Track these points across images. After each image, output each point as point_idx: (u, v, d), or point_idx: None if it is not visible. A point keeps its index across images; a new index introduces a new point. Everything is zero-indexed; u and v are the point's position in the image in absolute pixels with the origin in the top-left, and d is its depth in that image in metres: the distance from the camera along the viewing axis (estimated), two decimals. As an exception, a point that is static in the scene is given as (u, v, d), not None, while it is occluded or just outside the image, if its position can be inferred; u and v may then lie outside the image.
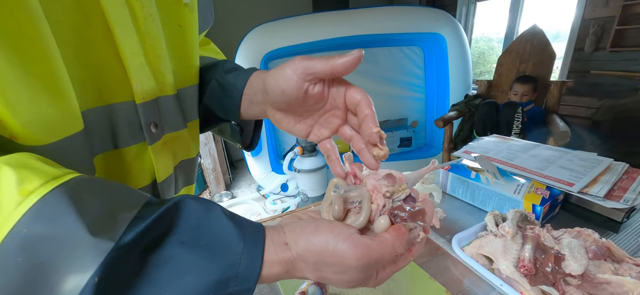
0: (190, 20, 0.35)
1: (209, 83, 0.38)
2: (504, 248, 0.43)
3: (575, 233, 0.44)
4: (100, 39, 0.26)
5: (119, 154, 0.30)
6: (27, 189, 0.17)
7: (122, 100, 0.29)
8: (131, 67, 0.28)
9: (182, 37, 0.34)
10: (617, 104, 1.80)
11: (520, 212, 0.49)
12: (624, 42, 1.77)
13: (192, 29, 0.36)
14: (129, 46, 0.27)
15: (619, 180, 0.56)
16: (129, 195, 0.21)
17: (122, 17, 0.26)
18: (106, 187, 0.21)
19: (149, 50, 0.29)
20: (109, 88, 0.28)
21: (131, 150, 0.31)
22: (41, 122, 0.22)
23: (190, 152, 0.40)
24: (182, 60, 0.35)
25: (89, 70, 0.26)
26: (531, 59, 1.86)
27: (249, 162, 2.40)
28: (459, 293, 0.43)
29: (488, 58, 3.36)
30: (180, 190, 0.41)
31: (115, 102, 0.29)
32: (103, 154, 0.29)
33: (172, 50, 0.33)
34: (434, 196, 0.67)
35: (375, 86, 2.52)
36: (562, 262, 0.39)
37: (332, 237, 0.22)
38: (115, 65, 0.27)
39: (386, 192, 0.27)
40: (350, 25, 2.11)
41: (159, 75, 0.31)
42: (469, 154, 0.71)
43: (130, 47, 0.27)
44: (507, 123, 1.69)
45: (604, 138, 1.76)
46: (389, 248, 0.23)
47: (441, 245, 0.52)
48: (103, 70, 0.27)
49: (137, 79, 0.28)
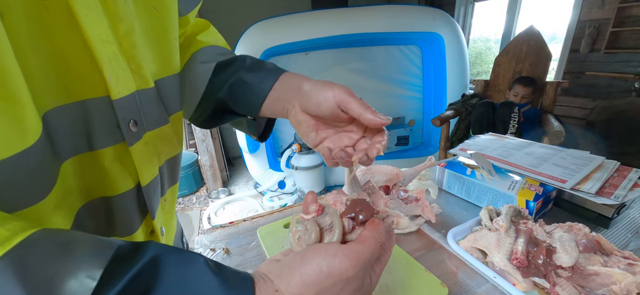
0: (169, 3, 0.31)
1: (230, 79, 0.36)
2: (498, 242, 0.44)
3: (567, 227, 0.45)
4: (60, 24, 0.22)
5: (94, 156, 0.27)
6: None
7: (94, 96, 0.25)
8: (102, 57, 0.24)
9: (158, 21, 0.30)
10: (611, 104, 1.83)
11: (514, 208, 0.50)
12: (618, 44, 1.80)
13: (169, 11, 0.32)
14: (97, 32, 0.23)
15: (610, 177, 0.57)
16: (93, 248, 0.18)
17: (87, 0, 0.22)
18: (65, 244, 0.17)
19: (123, 37, 0.26)
20: (76, 82, 0.24)
21: (108, 152, 0.27)
22: None
23: (174, 148, 0.37)
24: (159, 48, 0.31)
25: (49, 62, 0.22)
26: (528, 60, 1.88)
27: (247, 159, 2.40)
28: (453, 285, 0.44)
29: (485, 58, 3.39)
30: (166, 191, 0.38)
31: (86, 99, 0.25)
32: (74, 158, 0.25)
33: (147, 37, 0.29)
34: (430, 192, 0.68)
35: (373, 85, 2.53)
36: (554, 255, 0.40)
37: (322, 258, 0.22)
38: (81, 54, 0.23)
39: (346, 201, 0.29)
40: (348, 23, 2.12)
41: (134, 65, 0.27)
42: (465, 151, 0.72)
43: (99, 34, 0.23)
44: (503, 123, 1.71)
45: (598, 138, 1.79)
46: (373, 242, 0.24)
47: (437, 240, 0.53)
48: (67, 61, 0.23)
49: (110, 70, 0.24)
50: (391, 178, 0.61)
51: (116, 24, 0.25)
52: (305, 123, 0.34)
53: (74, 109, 0.24)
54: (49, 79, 0.22)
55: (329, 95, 0.30)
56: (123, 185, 0.29)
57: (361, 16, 2.13)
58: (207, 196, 2.47)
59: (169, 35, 0.32)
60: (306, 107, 0.33)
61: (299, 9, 2.30)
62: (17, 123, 0.19)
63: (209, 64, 0.38)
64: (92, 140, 0.26)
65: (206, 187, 2.55)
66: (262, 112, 0.36)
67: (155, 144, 0.32)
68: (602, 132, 1.80)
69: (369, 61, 2.48)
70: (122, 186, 0.29)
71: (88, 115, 0.25)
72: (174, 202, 0.42)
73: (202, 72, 0.38)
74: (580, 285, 0.38)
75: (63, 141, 0.24)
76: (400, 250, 0.50)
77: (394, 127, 2.53)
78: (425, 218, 0.57)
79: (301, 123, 0.34)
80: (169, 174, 0.37)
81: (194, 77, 0.39)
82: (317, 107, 0.31)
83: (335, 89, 0.30)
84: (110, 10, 0.24)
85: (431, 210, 0.56)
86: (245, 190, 2.54)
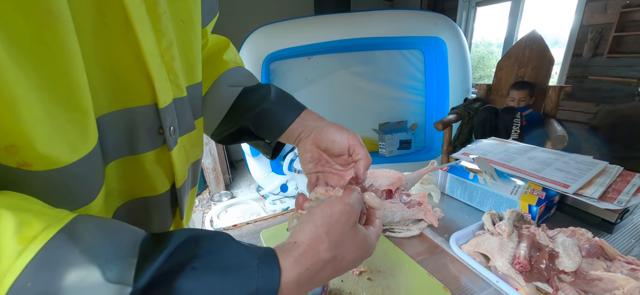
0: (193, 14, 0.33)
1: (256, 108, 0.40)
2: (501, 246, 0.45)
3: (570, 232, 0.45)
4: (116, 37, 0.24)
5: (135, 159, 0.29)
6: (28, 235, 0.15)
7: (140, 104, 0.27)
8: (153, 68, 0.26)
9: (186, 33, 0.32)
10: (615, 109, 1.83)
11: (517, 212, 0.50)
12: (621, 49, 1.79)
13: (194, 24, 0.34)
14: (149, 46, 0.25)
15: (613, 182, 0.57)
16: (125, 232, 0.20)
17: (141, 15, 0.24)
18: (103, 226, 0.19)
19: (165, 50, 0.27)
20: (125, 90, 0.26)
21: (149, 156, 0.29)
22: (61, 142, 0.20)
23: (199, 152, 0.39)
24: (187, 58, 0.33)
25: (103, 72, 0.24)
26: (530, 64, 1.88)
27: (249, 163, 2.41)
28: (456, 289, 0.44)
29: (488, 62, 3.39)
30: (189, 192, 0.40)
31: (132, 107, 0.26)
32: (117, 161, 0.27)
33: (179, 48, 0.31)
34: (432, 196, 0.68)
35: (376, 88, 2.54)
36: (556, 260, 0.40)
37: (324, 206, 0.26)
38: (132, 66, 0.25)
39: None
40: (351, 28, 2.13)
41: (173, 76, 0.29)
42: (468, 155, 0.72)
43: (151, 47, 0.25)
44: (505, 128, 1.71)
45: (601, 143, 1.78)
46: (349, 193, 0.29)
47: (439, 244, 0.53)
48: (118, 72, 0.25)
49: (158, 81, 0.26)
50: (393, 182, 0.61)
51: (160, 38, 0.27)
52: (311, 153, 0.40)
53: (121, 115, 0.26)
54: (103, 87, 0.24)
55: (343, 137, 0.38)
56: (160, 187, 0.32)
57: (364, 21, 2.15)
58: (209, 199, 2.48)
59: (194, 47, 0.35)
60: (320, 142, 0.38)
61: (302, 14, 2.32)
62: (83, 130, 0.22)
63: (236, 88, 0.42)
64: (134, 145, 0.28)
65: (209, 190, 2.55)
66: (280, 139, 0.41)
67: (186, 148, 0.34)
68: (606, 136, 1.79)
69: (371, 65, 2.49)
70: (159, 188, 0.32)
71: (133, 121, 0.27)
72: (192, 204, 0.44)
73: (229, 95, 0.42)
74: (583, 290, 0.38)
75: (109, 145, 0.26)
76: (403, 254, 0.50)
77: (396, 130, 2.54)
78: (427, 222, 0.57)
79: (308, 152, 0.40)
80: (192, 176, 0.39)
81: (220, 97, 0.42)
82: (331, 143, 0.38)
83: (349, 133, 0.38)
84: (156, 25, 0.26)
85: (434, 215, 0.57)
86: (247, 193, 2.54)
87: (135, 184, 0.30)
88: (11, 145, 0.18)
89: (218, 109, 0.42)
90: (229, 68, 0.43)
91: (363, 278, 0.46)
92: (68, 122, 0.20)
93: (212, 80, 0.42)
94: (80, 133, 0.21)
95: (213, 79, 0.42)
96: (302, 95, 2.45)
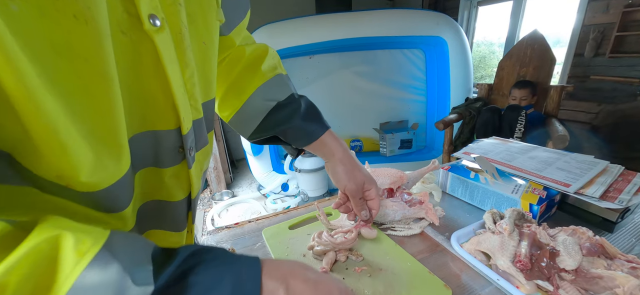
0: (213, 34, 0.35)
1: (286, 124, 0.46)
2: (501, 244, 0.45)
3: (570, 231, 0.45)
4: (148, 70, 0.27)
5: (157, 172, 0.32)
6: (82, 249, 0.19)
7: (165, 128, 0.30)
8: (178, 99, 0.28)
9: (206, 54, 0.34)
10: (616, 109, 1.82)
11: (518, 211, 0.50)
12: (623, 48, 1.79)
13: (214, 43, 0.36)
14: (175, 79, 0.28)
15: (614, 182, 0.58)
16: (142, 245, 0.23)
17: (170, 54, 0.27)
18: (128, 240, 0.23)
19: (187, 80, 0.30)
20: (152, 115, 0.29)
21: (169, 171, 0.33)
22: (101, 171, 0.24)
23: (209, 161, 0.42)
24: (205, 77, 0.35)
25: (136, 101, 0.27)
26: (531, 64, 1.88)
27: (250, 162, 2.42)
28: (457, 287, 0.44)
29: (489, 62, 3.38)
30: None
31: (158, 130, 0.30)
32: (141, 171, 0.31)
33: (198, 70, 0.33)
34: (433, 195, 0.69)
35: (377, 88, 2.54)
36: (557, 258, 0.41)
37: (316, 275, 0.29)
38: (159, 94, 0.28)
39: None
40: (352, 27, 2.13)
41: (193, 102, 0.32)
42: (469, 155, 0.72)
43: (177, 81, 0.28)
44: (510, 126, 1.71)
45: (602, 143, 1.78)
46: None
47: (440, 242, 0.53)
48: (149, 101, 0.28)
49: (182, 111, 0.29)
50: (395, 181, 0.61)
51: (184, 69, 0.29)
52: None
53: (149, 135, 0.29)
54: (135, 112, 0.27)
55: (341, 184, 0.48)
56: (177, 196, 0.35)
57: (365, 20, 2.15)
58: (210, 198, 2.48)
59: (212, 65, 0.36)
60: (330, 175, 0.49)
61: (303, 13, 2.32)
62: (119, 160, 0.25)
63: (270, 102, 0.47)
64: (158, 160, 0.31)
65: (210, 189, 2.56)
66: (306, 149, 0.48)
67: (201, 162, 0.37)
68: (607, 136, 1.79)
69: (372, 65, 2.49)
70: (175, 196, 0.35)
71: (158, 141, 0.30)
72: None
73: (263, 108, 0.47)
74: (584, 288, 0.38)
75: (137, 159, 0.29)
76: (404, 252, 0.51)
77: (397, 130, 2.54)
78: (428, 221, 0.57)
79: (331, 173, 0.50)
80: (202, 181, 0.42)
81: (255, 109, 0.46)
82: (336, 182, 0.48)
83: (349, 180, 0.47)
84: (182, 59, 0.29)
85: (435, 213, 0.57)
86: (248, 193, 2.55)
87: (156, 190, 0.33)
88: (60, 176, 0.22)
89: (253, 118, 0.47)
90: (266, 81, 0.46)
91: (364, 276, 0.46)
92: (108, 156, 0.24)
93: (249, 93, 0.46)
94: (117, 162, 0.25)
95: (250, 92, 0.46)
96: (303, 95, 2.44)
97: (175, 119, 0.30)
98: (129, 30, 0.24)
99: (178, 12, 0.27)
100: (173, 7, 0.27)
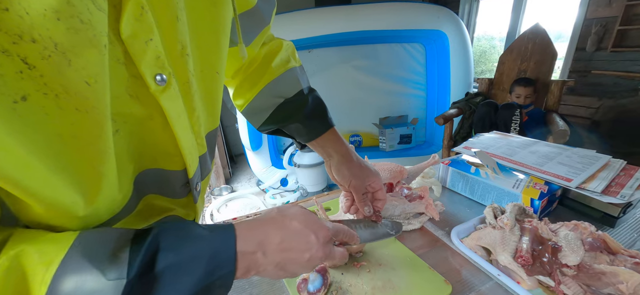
0: (225, 61, 0.36)
1: (290, 122, 0.48)
2: (502, 239, 0.44)
3: (572, 226, 0.44)
4: (159, 128, 0.28)
5: (163, 199, 0.34)
6: (47, 260, 0.20)
7: (172, 169, 0.32)
8: (185, 149, 0.30)
9: (216, 83, 0.35)
10: (617, 104, 1.81)
11: (519, 206, 0.50)
12: (625, 43, 1.77)
13: (224, 68, 0.36)
14: (183, 133, 0.29)
15: (616, 176, 0.57)
16: (118, 234, 0.24)
17: (178, 107, 0.28)
18: (100, 234, 0.24)
19: (194, 123, 0.31)
20: (161, 157, 0.30)
21: (175, 201, 0.35)
22: (95, 217, 0.26)
23: (209, 180, 0.44)
24: (211, 107, 0.35)
25: (148, 148, 0.29)
26: (533, 58, 1.86)
27: (249, 157, 2.41)
28: (457, 283, 0.43)
29: (490, 57, 3.36)
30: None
31: (166, 169, 0.31)
32: (147, 196, 0.32)
33: (204, 102, 0.34)
34: (433, 190, 0.68)
35: (376, 82, 2.52)
36: (559, 253, 0.40)
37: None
38: (169, 146, 0.30)
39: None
40: (352, 20, 2.10)
41: (199, 139, 0.33)
42: (469, 149, 0.72)
43: (184, 132, 0.29)
44: (505, 124, 1.70)
45: (603, 138, 1.77)
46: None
47: (440, 237, 0.53)
48: (159, 148, 0.30)
49: (189, 158, 0.31)
50: (395, 175, 0.61)
51: (191, 114, 0.30)
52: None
53: (157, 172, 0.31)
54: (146, 154, 0.29)
55: (345, 181, 0.47)
56: (183, 217, 0.37)
57: (365, 13, 2.12)
58: (209, 193, 2.48)
59: (219, 95, 0.37)
60: (333, 173, 0.49)
61: (303, 6, 2.29)
62: (119, 200, 0.28)
63: (278, 99, 0.48)
64: (164, 192, 0.33)
65: (209, 184, 2.55)
66: (309, 144, 0.50)
67: (204, 188, 0.39)
68: (608, 131, 1.78)
69: (372, 59, 2.47)
70: (183, 217, 0.37)
71: (166, 179, 0.32)
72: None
73: (270, 104, 0.48)
74: (586, 284, 0.38)
75: (144, 189, 0.31)
76: (404, 248, 0.50)
77: (396, 125, 2.52)
78: (428, 216, 0.57)
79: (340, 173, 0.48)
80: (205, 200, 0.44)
81: (263, 104, 0.48)
82: (340, 180, 0.48)
83: (353, 176, 0.47)
84: (188, 105, 0.30)
85: (435, 208, 0.56)
86: (247, 188, 2.54)
87: (161, 211, 0.35)
88: (51, 227, 0.24)
89: (261, 112, 0.49)
90: (275, 77, 0.47)
91: (363, 271, 0.45)
92: (110, 201, 0.27)
93: (259, 88, 0.47)
94: (121, 199, 0.28)
95: (260, 87, 0.47)
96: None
97: (182, 163, 0.31)
98: (137, 93, 0.25)
99: (186, 63, 0.28)
100: (181, 59, 0.27)
